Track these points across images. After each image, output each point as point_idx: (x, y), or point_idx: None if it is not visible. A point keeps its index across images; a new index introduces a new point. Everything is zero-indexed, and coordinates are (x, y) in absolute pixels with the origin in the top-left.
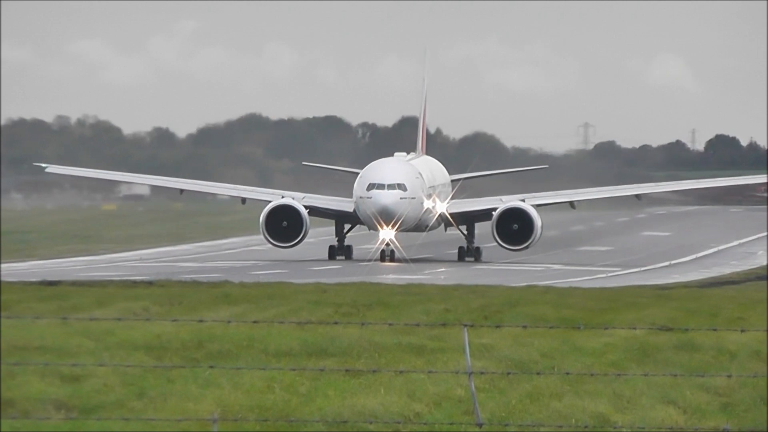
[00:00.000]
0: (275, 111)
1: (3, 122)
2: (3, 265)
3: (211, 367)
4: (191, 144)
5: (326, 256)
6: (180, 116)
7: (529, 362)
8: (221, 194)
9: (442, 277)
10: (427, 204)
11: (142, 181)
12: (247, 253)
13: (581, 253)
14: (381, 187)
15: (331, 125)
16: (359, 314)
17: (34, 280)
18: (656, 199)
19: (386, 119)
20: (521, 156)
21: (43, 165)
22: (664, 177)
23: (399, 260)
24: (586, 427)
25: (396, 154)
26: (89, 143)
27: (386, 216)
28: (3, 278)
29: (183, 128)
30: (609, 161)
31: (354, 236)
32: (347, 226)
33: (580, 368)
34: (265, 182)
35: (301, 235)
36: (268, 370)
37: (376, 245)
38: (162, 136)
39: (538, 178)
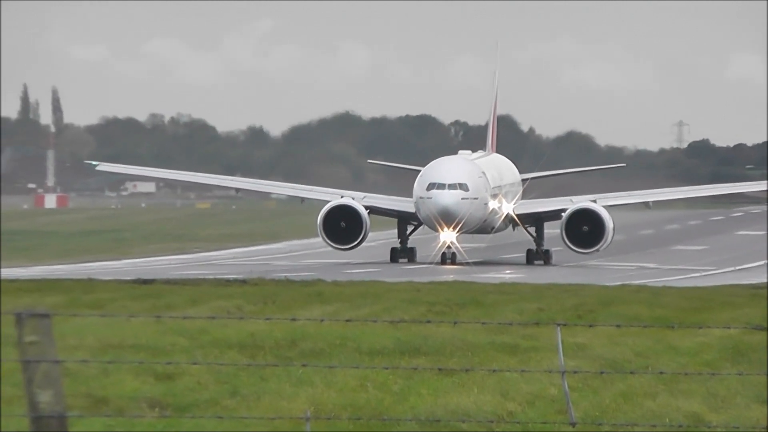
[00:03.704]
0: (364, 110)
1: (96, 121)
2: (98, 264)
3: (305, 365)
4: (284, 143)
5: (388, 258)
6: (269, 115)
7: (622, 361)
8: (277, 193)
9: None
10: (492, 204)
11: (197, 180)
12: (339, 252)
13: (675, 252)
14: (441, 187)
15: (424, 124)
16: (452, 313)
17: (128, 278)
18: (752, 198)
19: (478, 118)
20: (615, 154)
21: (94, 163)
22: (759, 176)
23: (460, 263)
24: (680, 426)
25: (460, 152)
26: (183, 142)
27: (447, 217)
28: (98, 276)
29: (275, 127)
30: (703, 159)
31: (420, 238)
32: (411, 228)
33: (675, 368)
34: (358, 181)
35: (360, 237)
36: (361, 369)
37: (437, 247)
38: (256, 134)
39: (630, 175)
